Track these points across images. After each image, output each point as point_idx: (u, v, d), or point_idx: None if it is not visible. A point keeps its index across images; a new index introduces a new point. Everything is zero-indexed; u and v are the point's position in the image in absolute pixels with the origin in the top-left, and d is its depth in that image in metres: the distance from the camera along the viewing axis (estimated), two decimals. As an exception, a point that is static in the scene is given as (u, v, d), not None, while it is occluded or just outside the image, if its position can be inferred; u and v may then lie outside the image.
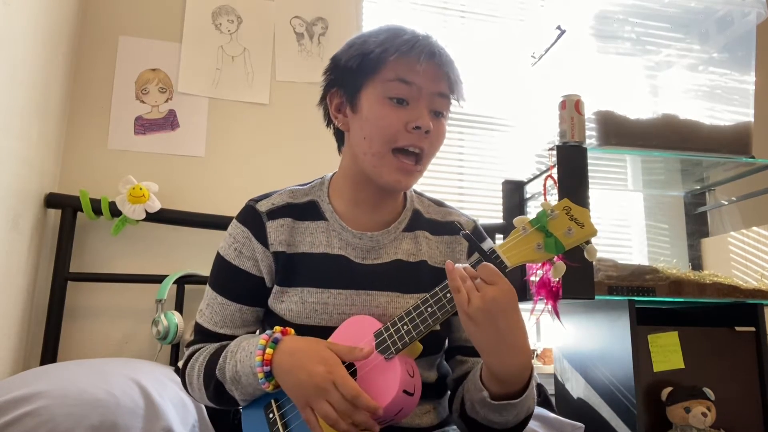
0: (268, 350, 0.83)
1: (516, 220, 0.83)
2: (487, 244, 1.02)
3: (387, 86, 0.89)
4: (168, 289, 1.64)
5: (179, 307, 1.68)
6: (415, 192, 1.06)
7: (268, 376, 0.83)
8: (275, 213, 0.97)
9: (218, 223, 1.73)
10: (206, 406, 1.31)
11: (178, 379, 1.32)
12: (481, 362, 0.84)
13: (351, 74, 0.92)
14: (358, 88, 0.92)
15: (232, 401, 0.90)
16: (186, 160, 1.85)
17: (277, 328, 0.87)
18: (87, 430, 1.02)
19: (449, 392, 1.00)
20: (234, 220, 0.99)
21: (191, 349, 0.98)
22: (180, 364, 1.02)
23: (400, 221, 0.99)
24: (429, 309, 0.82)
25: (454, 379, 0.98)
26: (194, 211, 1.76)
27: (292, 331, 0.88)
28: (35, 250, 1.60)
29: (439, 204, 1.06)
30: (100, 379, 1.15)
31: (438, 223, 1.02)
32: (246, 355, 0.85)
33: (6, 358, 1.46)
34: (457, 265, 0.80)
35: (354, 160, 0.95)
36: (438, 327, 0.84)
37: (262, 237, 0.95)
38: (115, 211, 1.68)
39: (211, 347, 0.94)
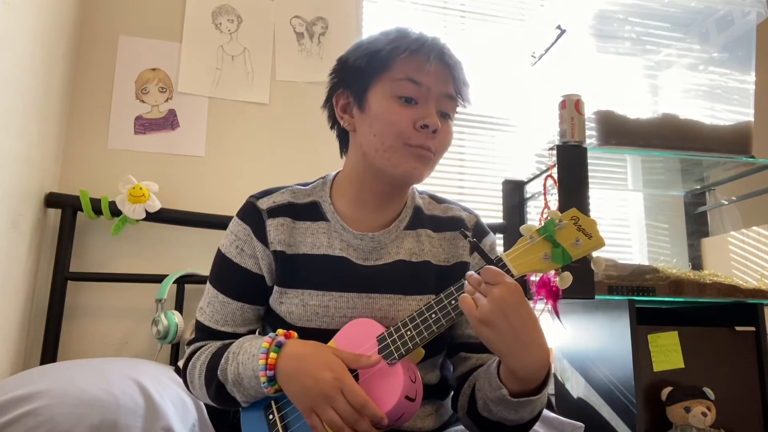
0: (272, 354, 0.81)
1: (523, 228, 0.82)
2: (490, 238, 1.03)
3: (396, 85, 0.89)
4: (168, 288, 1.64)
5: (179, 307, 1.68)
6: (417, 190, 1.05)
7: (272, 380, 0.81)
8: (276, 211, 0.96)
9: (218, 222, 1.73)
10: (206, 406, 1.31)
11: (179, 379, 1.32)
12: (495, 360, 0.83)
13: (359, 73, 0.92)
14: (367, 86, 0.91)
15: (233, 402, 0.89)
16: (186, 159, 1.85)
17: (280, 331, 0.86)
18: (87, 430, 1.01)
19: (452, 391, 0.99)
20: (235, 217, 0.98)
21: (192, 347, 0.97)
22: (181, 363, 1.01)
23: (401, 219, 0.98)
24: (434, 316, 0.81)
25: (458, 376, 0.96)
26: (194, 211, 1.76)
27: (295, 334, 0.87)
28: (35, 250, 1.60)
29: (439, 200, 1.05)
30: (100, 378, 1.14)
31: (439, 219, 1.01)
32: (248, 358, 0.84)
33: (6, 358, 1.46)
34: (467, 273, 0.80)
35: (362, 159, 0.94)
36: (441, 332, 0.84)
37: (261, 235, 0.95)
38: (115, 211, 1.68)
39: (212, 346, 0.93)
